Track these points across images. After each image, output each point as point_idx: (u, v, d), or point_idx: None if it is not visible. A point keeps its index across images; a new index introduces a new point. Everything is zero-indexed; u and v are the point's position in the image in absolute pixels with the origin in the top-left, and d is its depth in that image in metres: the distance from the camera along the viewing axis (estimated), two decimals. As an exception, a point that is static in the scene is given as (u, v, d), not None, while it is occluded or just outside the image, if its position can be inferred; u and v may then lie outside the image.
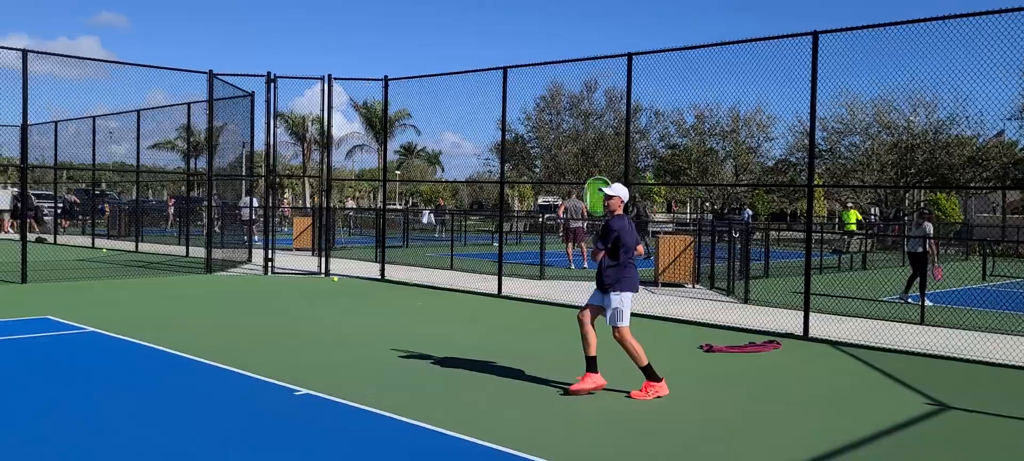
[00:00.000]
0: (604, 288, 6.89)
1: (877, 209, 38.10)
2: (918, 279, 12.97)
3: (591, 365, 6.91)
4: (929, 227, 14.04)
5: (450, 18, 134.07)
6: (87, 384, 6.96)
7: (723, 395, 7.21)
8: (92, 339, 8.97)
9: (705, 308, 12.44)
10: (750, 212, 28.05)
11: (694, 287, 15.39)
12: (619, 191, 7.02)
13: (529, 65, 13.74)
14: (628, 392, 6.88)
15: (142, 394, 6.68)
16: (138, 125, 23.88)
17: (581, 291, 13.36)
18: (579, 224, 19.21)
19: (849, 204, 29.21)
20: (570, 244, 19.25)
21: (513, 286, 14.40)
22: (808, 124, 10.67)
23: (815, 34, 10.04)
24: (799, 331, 10.15)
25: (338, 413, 6.17)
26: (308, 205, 46.29)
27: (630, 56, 11.86)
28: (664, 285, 15.35)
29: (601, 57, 12.89)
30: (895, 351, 9.25)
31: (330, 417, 6.08)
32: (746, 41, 10.85)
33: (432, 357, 8.27)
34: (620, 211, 7.00)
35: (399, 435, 5.68)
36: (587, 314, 6.98)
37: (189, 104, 22.71)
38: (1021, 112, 31.57)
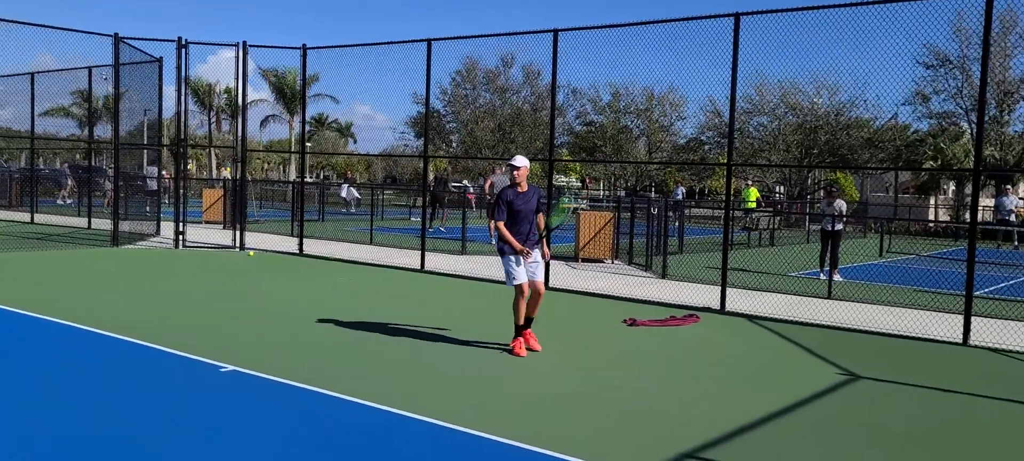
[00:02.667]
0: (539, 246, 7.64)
1: (782, 187, 39.59)
2: (829, 255, 13.60)
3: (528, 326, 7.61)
4: (842, 204, 14.66)
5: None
6: (-8, 363, 6.56)
7: (650, 368, 7.40)
8: (-8, 315, 8.44)
9: (625, 283, 12.70)
10: (683, 190, 28.54)
11: (613, 263, 15.67)
12: (525, 162, 7.63)
13: (454, 38, 13.56)
14: (508, 348, 7.49)
15: (52, 372, 6.34)
16: (32, 89, 22.48)
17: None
18: None
19: (749, 182, 30.24)
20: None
21: (436, 261, 14.34)
22: (720, 104, 11.00)
23: (737, 16, 10.32)
24: (716, 305, 10.50)
25: (265, 389, 6.03)
26: (214, 176, 44.73)
27: (556, 32, 11.87)
28: (584, 261, 15.57)
29: (527, 32, 12.87)
30: (806, 324, 9.69)
31: (258, 393, 5.93)
32: (672, 21, 11.04)
33: (358, 332, 8.17)
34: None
35: (325, 409, 5.59)
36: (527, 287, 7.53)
37: (90, 68, 21.52)
38: (914, 97, 33.41)
